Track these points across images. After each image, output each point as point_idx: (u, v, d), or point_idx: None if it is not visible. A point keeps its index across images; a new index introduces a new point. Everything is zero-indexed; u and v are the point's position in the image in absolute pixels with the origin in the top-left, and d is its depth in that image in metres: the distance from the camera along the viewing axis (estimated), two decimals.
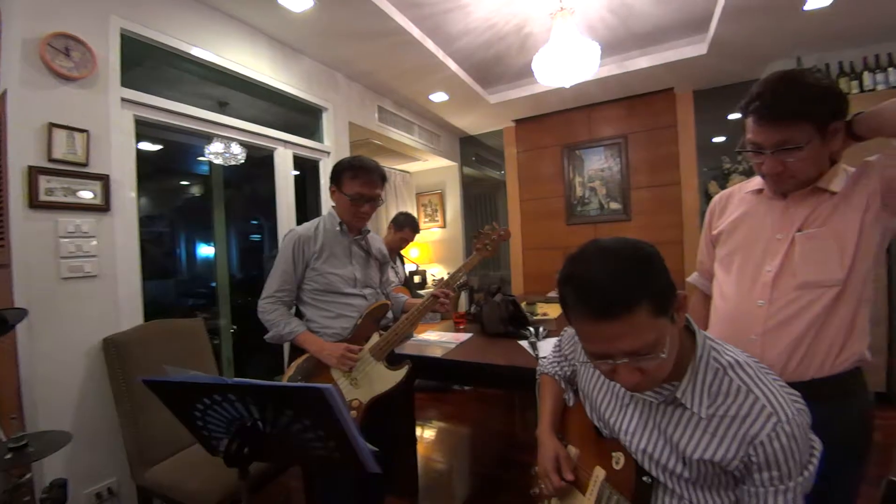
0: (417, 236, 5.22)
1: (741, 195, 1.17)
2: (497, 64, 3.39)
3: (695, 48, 3.01)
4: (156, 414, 1.65)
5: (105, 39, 1.84)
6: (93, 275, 1.75)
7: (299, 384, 1.11)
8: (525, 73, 3.47)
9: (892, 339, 2.75)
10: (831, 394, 0.94)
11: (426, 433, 2.95)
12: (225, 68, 2.39)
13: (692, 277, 1.35)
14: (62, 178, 1.67)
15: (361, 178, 1.53)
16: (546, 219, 4.47)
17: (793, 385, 0.77)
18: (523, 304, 2.71)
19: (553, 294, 3.80)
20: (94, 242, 1.76)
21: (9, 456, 1.00)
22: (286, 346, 1.64)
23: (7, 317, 1.07)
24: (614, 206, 4.17)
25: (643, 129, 4.00)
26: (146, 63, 2.15)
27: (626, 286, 0.66)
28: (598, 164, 4.24)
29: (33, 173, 1.59)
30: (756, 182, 1.13)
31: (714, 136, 3.74)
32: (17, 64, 1.60)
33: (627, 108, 4.04)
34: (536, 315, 2.76)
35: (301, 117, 3.08)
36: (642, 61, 3.26)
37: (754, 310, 1.04)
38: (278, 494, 2.21)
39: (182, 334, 1.96)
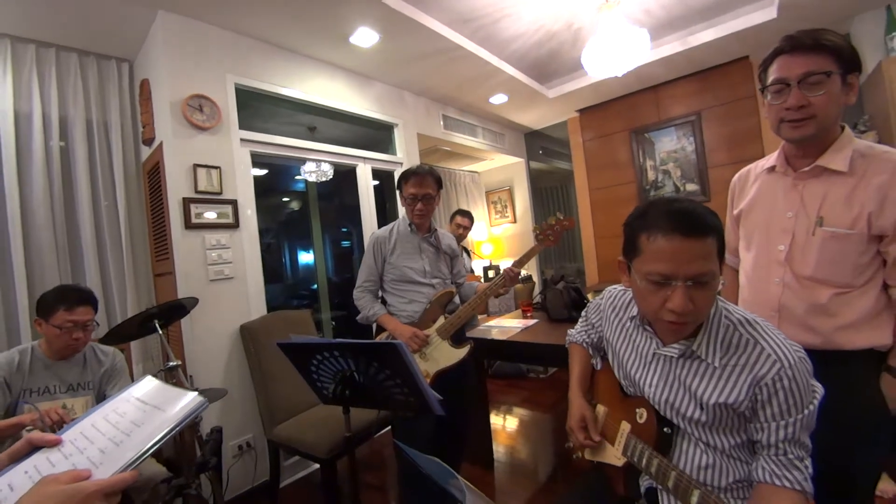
0: (489, 232, 5.48)
1: (757, 172, 1.20)
2: (552, 60, 3.49)
3: (763, 13, 2.84)
4: (280, 384, 2.11)
5: (224, 94, 2.35)
6: (230, 277, 2.26)
7: (379, 341, 1.40)
8: (582, 65, 3.52)
9: None
10: (842, 367, 0.99)
11: (503, 416, 3.16)
12: (312, 102, 2.85)
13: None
14: (205, 204, 2.19)
15: (411, 180, 1.83)
16: (617, 206, 4.40)
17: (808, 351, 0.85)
18: (591, 293, 2.80)
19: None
20: (230, 253, 2.27)
21: None
22: (374, 329, 1.98)
23: (185, 304, 1.52)
24: (691, 187, 4.00)
25: (718, 103, 3.79)
26: (253, 105, 2.67)
27: (706, 217, 0.81)
28: (671, 146, 4.10)
29: (186, 203, 2.12)
30: (770, 159, 1.16)
31: None
32: (168, 121, 2.14)
33: (699, 83, 3.86)
34: None
35: (376, 134, 3.49)
36: (706, 35, 3.13)
37: (771, 288, 1.10)
38: (374, 458, 2.59)
39: (295, 322, 2.42)
